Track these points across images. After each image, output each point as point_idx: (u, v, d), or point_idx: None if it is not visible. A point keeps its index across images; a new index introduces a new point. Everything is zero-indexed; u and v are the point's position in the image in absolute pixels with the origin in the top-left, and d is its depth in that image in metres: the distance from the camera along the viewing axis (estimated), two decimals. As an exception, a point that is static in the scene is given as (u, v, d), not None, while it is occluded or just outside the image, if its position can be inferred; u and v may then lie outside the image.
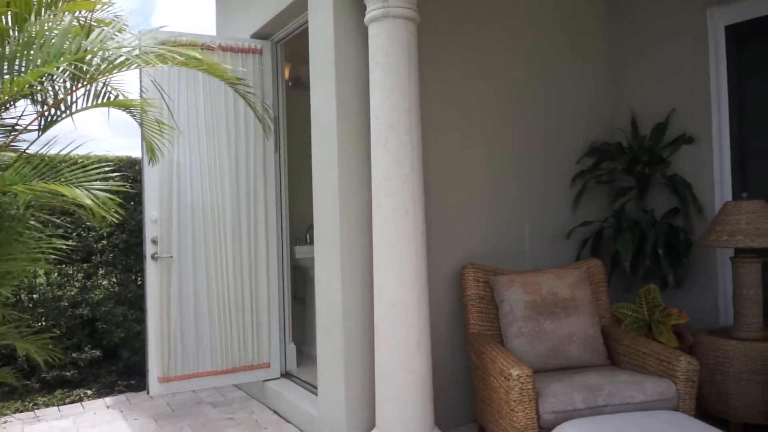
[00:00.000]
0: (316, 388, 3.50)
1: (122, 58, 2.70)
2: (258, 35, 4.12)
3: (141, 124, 3.17)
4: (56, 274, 4.69)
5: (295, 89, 4.89)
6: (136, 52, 2.72)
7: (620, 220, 3.88)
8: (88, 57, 2.63)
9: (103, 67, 2.74)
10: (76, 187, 2.67)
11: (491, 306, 3.27)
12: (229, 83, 3.18)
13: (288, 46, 4.22)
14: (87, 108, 2.92)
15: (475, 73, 3.65)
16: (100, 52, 2.69)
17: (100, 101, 2.97)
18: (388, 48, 2.91)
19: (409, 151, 2.93)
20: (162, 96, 3.40)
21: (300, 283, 4.92)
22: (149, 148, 3.27)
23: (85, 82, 2.78)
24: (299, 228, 4.88)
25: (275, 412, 3.92)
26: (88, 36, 2.64)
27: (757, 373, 3.06)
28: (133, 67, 2.85)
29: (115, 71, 2.79)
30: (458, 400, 3.50)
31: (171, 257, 3.75)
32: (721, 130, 3.88)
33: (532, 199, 3.89)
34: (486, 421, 3.02)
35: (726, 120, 3.87)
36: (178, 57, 2.74)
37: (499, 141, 3.74)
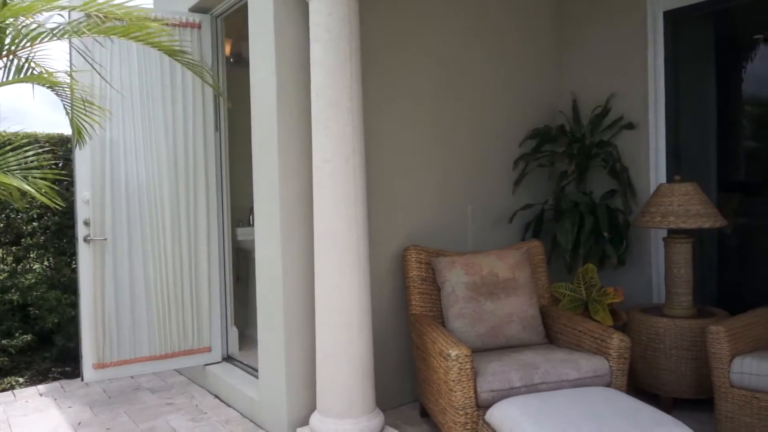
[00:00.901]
0: (258, 371, 3.45)
1: (51, 26, 2.55)
2: (197, 9, 3.96)
3: (66, 104, 3.01)
4: (-17, 258, 4.46)
5: (237, 66, 4.75)
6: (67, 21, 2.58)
7: (560, 202, 3.95)
8: (9, 20, 2.46)
9: (26, 33, 2.57)
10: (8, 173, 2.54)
11: (433, 287, 3.28)
12: (173, 56, 3.05)
13: (229, 20, 4.08)
14: (4, 83, 2.74)
15: (419, 53, 3.62)
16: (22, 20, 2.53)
17: (22, 76, 2.79)
18: (329, 24, 2.84)
19: (350, 131, 2.88)
20: (93, 68, 3.24)
21: (243, 266, 4.83)
22: (76, 130, 3.11)
23: (4, 53, 2.61)
24: (242, 209, 4.77)
25: (216, 396, 3.85)
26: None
27: (686, 349, 3.18)
28: (65, 36, 2.70)
29: (41, 39, 2.63)
30: (401, 379, 3.52)
31: (105, 239, 3.60)
32: (657, 115, 3.98)
33: (476, 181, 3.91)
34: (426, 400, 3.04)
35: (662, 105, 3.97)
36: (116, 26, 2.61)
37: (443, 122, 3.73)
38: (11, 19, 2.48)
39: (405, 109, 3.56)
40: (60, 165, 4.53)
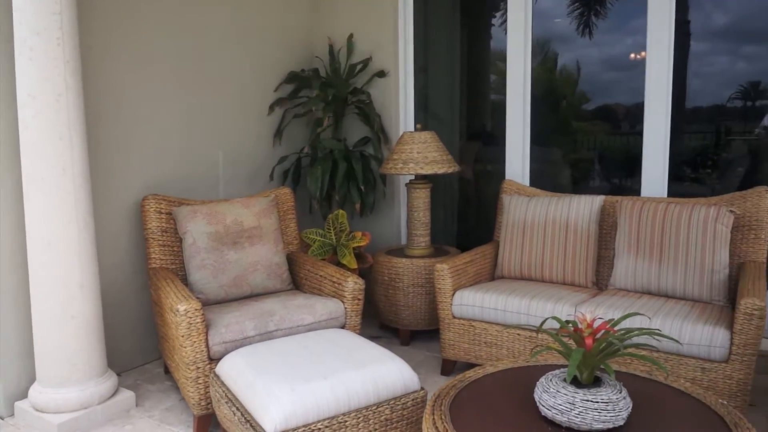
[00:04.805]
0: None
1: None
2: None
3: None
4: None
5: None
6: None
7: (315, 149, 3.96)
8: None
9: None
10: None
11: (175, 239, 3.09)
12: None
13: None
14: None
15: (156, -18, 3.28)
16: None
17: None
18: (27, -64, 2.41)
19: (61, 65, 2.52)
20: None
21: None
22: None
23: None
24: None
25: None
26: None
27: (421, 286, 3.44)
28: None
29: None
30: (144, 337, 3.32)
31: None
32: (406, 65, 4.14)
33: (228, 126, 3.73)
34: (166, 357, 2.90)
35: (411, 55, 4.15)
36: None
37: (186, 62, 3.47)
38: None
39: (144, 45, 3.22)
40: None
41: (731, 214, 2.84)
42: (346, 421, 2.03)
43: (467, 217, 4.54)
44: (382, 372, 2.16)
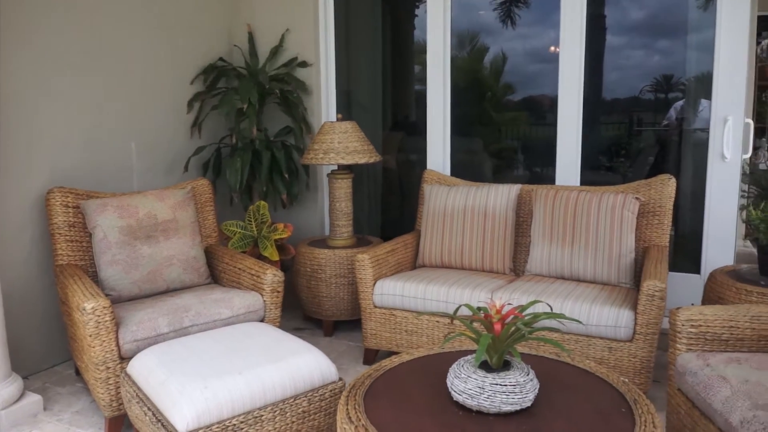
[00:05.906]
0: None
1: None
2: None
3: None
4: None
5: None
6: None
7: (236, 140, 3.87)
8: None
9: None
10: None
11: (84, 234, 2.95)
12: None
13: None
14: None
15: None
16: None
17: None
18: None
19: (-51, 49, 2.34)
20: None
21: None
22: None
23: None
24: None
25: None
26: None
27: (343, 277, 3.43)
28: None
29: None
30: (53, 338, 3.16)
31: None
32: (327, 55, 4.11)
33: (141, 116, 3.58)
34: (76, 357, 2.77)
35: (332, 45, 4.11)
36: None
37: (98, 50, 3.29)
38: None
39: (48, 32, 3.03)
40: None
41: (637, 201, 2.99)
42: (262, 416, 2.01)
43: (391, 207, 4.57)
44: (300, 364, 2.14)
